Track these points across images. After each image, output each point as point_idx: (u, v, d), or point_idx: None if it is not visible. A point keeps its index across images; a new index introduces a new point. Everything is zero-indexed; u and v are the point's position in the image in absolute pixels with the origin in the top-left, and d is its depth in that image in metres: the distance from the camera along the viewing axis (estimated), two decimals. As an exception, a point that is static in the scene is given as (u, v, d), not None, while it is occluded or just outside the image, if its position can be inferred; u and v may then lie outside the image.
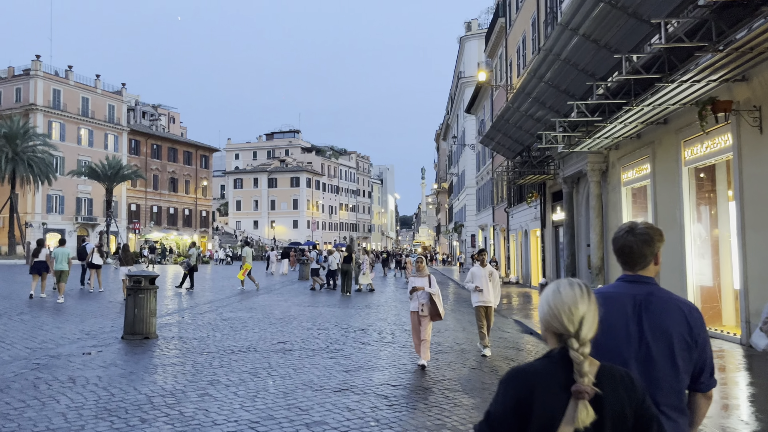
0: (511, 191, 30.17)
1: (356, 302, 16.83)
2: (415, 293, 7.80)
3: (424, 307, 7.71)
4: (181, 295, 17.69)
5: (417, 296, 7.77)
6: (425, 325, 7.72)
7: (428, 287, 7.78)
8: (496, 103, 35.56)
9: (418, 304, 7.74)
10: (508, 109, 17.91)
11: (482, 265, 9.07)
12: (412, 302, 7.90)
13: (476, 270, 9.07)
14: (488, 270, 9.04)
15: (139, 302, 9.02)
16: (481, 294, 8.94)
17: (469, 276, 9.21)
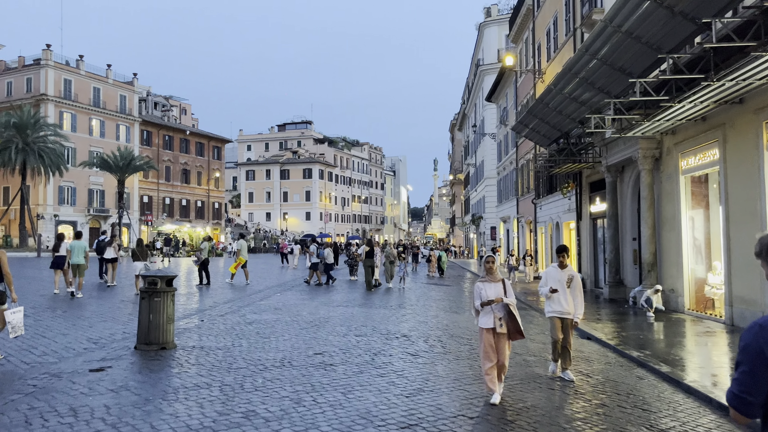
0: (540, 181, 28.72)
1: (386, 301, 15.56)
2: (487, 305, 6.12)
3: (502, 322, 6.08)
4: (197, 292, 16.50)
5: (491, 308, 6.15)
6: (503, 346, 6.11)
7: (505, 296, 6.14)
8: (521, 89, 34.05)
9: (493, 319, 6.11)
10: (549, 91, 16.49)
11: (561, 267, 7.31)
12: (482, 316, 6.22)
13: (552, 272, 7.38)
14: (568, 273, 7.29)
15: (154, 307, 7.79)
16: (557, 302, 7.21)
17: (543, 280, 7.48)
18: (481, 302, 6.16)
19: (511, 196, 37.96)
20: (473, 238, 62.84)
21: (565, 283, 7.24)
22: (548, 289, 7.25)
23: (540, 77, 28.39)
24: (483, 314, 6.22)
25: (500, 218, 42.74)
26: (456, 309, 14.51)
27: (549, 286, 7.26)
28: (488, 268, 6.38)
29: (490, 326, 6.13)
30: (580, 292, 7.35)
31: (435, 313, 13.34)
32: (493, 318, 6.13)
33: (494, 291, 6.15)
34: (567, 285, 7.24)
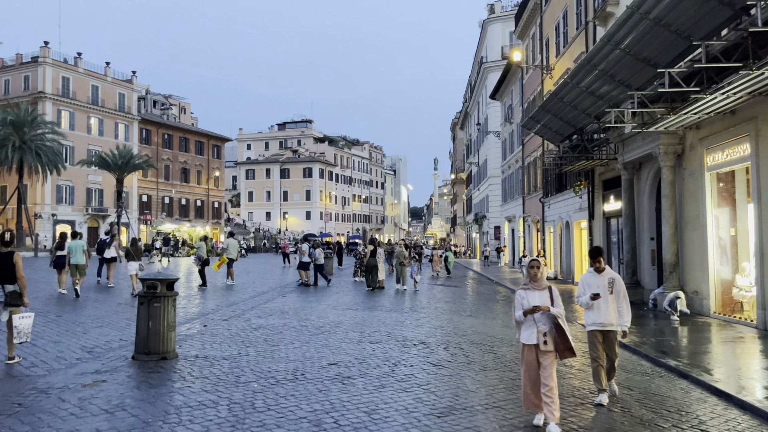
0: (548, 179, 28.07)
1: (396, 304, 14.90)
2: (531, 315, 5.23)
3: (548, 338, 5.18)
4: (197, 294, 15.83)
5: (534, 320, 5.23)
6: (548, 365, 5.17)
7: (552, 306, 5.26)
8: (528, 86, 33.40)
9: (536, 333, 5.20)
10: (564, 85, 15.82)
11: (598, 271, 6.36)
12: (524, 329, 5.31)
13: (589, 279, 6.36)
14: (608, 277, 6.33)
15: (154, 313, 7.12)
16: (597, 311, 6.21)
17: (581, 287, 6.44)
18: (524, 311, 5.25)
19: (517, 195, 37.30)
20: (475, 238, 62.23)
21: (607, 288, 6.30)
22: (588, 297, 6.23)
23: (548, 73, 27.75)
24: (525, 327, 5.31)
25: (505, 217, 42.09)
26: (471, 312, 13.85)
27: (589, 294, 6.26)
28: (533, 273, 5.42)
29: (533, 342, 5.22)
30: (625, 297, 6.43)
31: (449, 316, 12.68)
32: (536, 332, 5.23)
33: (539, 300, 5.27)
34: (609, 291, 6.30)
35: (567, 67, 24.44)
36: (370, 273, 19.29)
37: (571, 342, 5.24)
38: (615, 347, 6.36)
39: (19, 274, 6.87)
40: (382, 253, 20.40)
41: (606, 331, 6.28)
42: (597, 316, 6.27)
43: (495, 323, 12.08)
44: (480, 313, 13.97)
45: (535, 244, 32.49)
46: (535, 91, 31.42)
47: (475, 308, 14.91)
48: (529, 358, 5.26)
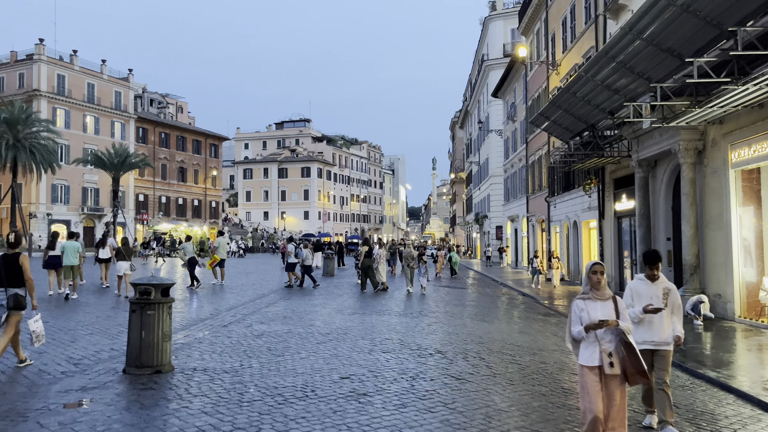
0: (555, 178, 27.42)
1: (404, 308, 14.21)
2: (593, 332, 4.30)
3: (614, 359, 4.26)
4: (195, 297, 15.12)
5: (597, 337, 4.32)
6: (615, 392, 4.26)
7: (618, 319, 4.33)
8: (532, 83, 32.75)
9: (599, 353, 4.28)
10: (578, 79, 15.15)
11: (652, 279, 5.34)
12: (583, 348, 4.37)
13: (640, 287, 5.34)
14: (663, 287, 5.31)
15: (147, 322, 6.42)
16: (648, 327, 5.20)
17: (628, 297, 5.37)
18: (585, 326, 4.30)
19: (521, 194, 36.66)
20: (476, 238, 61.57)
21: (662, 300, 5.22)
22: (639, 310, 5.16)
23: (554, 69, 27.09)
24: (585, 346, 4.36)
25: (508, 217, 41.44)
26: (483, 316, 13.17)
27: (641, 306, 5.20)
28: (595, 280, 4.43)
29: (596, 364, 4.27)
30: (679, 309, 5.41)
31: (462, 321, 11.99)
32: (599, 352, 4.29)
33: (603, 313, 4.33)
34: (663, 303, 5.21)
35: (575, 62, 23.81)
36: (366, 274, 18.81)
37: (644, 364, 4.33)
38: (667, 369, 5.30)
39: (26, 276, 6.70)
40: (382, 253, 19.78)
41: (658, 350, 5.27)
42: (649, 332, 5.24)
43: (511, 328, 11.41)
44: (493, 317, 13.30)
45: (540, 244, 31.84)
46: (539, 88, 30.77)
47: (486, 312, 14.24)
48: (590, 383, 4.28)
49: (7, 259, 6.73)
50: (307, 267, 19.86)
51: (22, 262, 6.72)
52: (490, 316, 13.22)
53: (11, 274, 6.67)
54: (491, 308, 15.24)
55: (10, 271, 6.67)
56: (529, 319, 13.07)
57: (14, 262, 6.71)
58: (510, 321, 12.69)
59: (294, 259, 19.78)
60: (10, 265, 6.69)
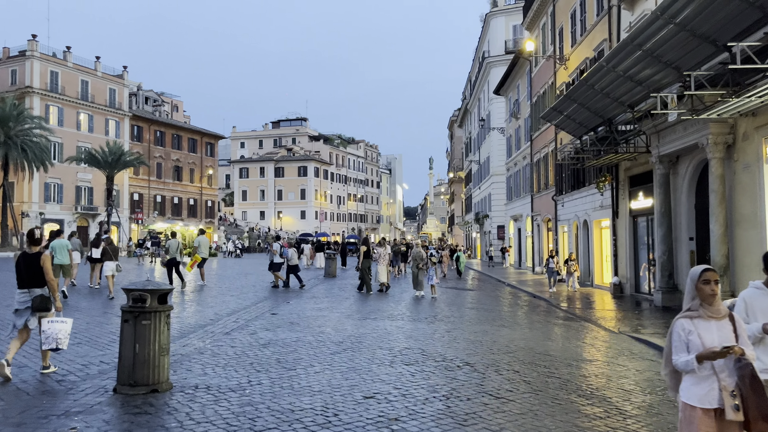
0: (562, 176, 26.64)
1: (416, 312, 13.36)
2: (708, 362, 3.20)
3: (738, 400, 3.15)
4: (193, 300, 14.25)
5: (714, 369, 3.22)
6: None
7: (738, 343, 3.22)
8: (537, 79, 31.96)
9: (717, 392, 3.20)
10: (598, 69, 14.34)
11: None
12: (692, 382, 3.29)
13: (758, 297, 3.94)
14: None
15: (142, 333, 5.56)
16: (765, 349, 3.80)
17: (741, 310, 3.94)
18: (698, 355, 3.19)
19: (525, 193, 35.86)
20: (475, 238, 60.78)
21: None
22: (758, 328, 3.78)
23: (563, 64, 26.30)
24: (695, 380, 3.27)
25: (510, 216, 40.64)
26: (502, 321, 12.34)
27: (760, 322, 3.82)
28: (709, 292, 3.32)
29: (714, 405, 3.20)
30: None
31: (481, 327, 11.15)
32: (718, 390, 3.20)
33: (719, 336, 3.25)
34: None
35: (585, 56, 23.03)
36: (366, 275, 18.08)
37: None
38: None
39: (48, 276, 6.43)
40: (382, 253, 19.03)
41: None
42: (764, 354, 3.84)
43: (534, 335, 10.59)
44: (512, 321, 12.48)
45: (546, 244, 31.06)
46: (545, 84, 29.99)
47: (504, 316, 13.42)
48: (703, 429, 3.19)
49: (28, 259, 6.43)
50: (293, 267, 19.14)
51: (43, 263, 6.41)
52: (509, 321, 12.40)
53: (32, 274, 6.38)
54: (508, 312, 14.42)
55: (31, 271, 6.38)
56: (551, 324, 12.24)
57: (35, 262, 6.40)
58: (532, 326, 11.86)
59: (279, 259, 19.05)
60: (31, 264, 6.40)
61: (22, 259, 6.48)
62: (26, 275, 6.40)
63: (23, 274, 6.41)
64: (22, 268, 6.42)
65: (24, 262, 6.43)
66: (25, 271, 6.39)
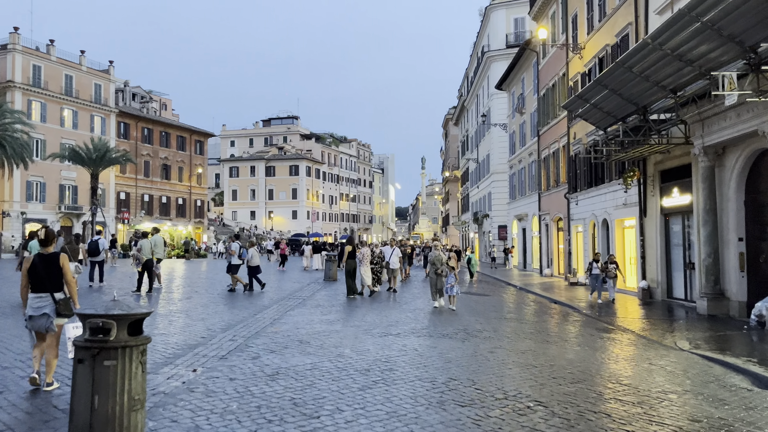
0: (576, 172, 25.02)
1: (440, 325, 11.54)
2: None
3: None
4: (179, 312, 12.41)
5: None
6: None
7: None
8: (546, 71, 30.35)
9: None
10: (641, 48, 12.67)
11: None
12: None
13: None
14: None
15: (103, 380, 3.77)
16: None
17: None
18: None
19: (531, 191, 34.24)
20: (473, 238, 59.13)
21: None
22: None
23: (577, 53, 24.67)
24: None
25: (514, 216, 39.01)
26: (544, 336, 10.61)
27: None
28: None
29: None
30: None
31: (524, 344, 9.43)
32: None
33: None
34: None
35: (605, 43, 21.42)
36: (351, 277, 16.52)
37: None
38: None
39: (67, 278, 6.16)
40: (366, 253, 17.47)
41: None
42: None
43: (588, 354, 8.89)
44: (554, 336, 10.77)
45: (556, 245, 29.44)
46: (555, 75, 28.38)
47: (541, 329, 11.71)
48: None
49: (46, 260, 6.06)
50: (254, 268, 17.63)
51: (62, 263, 6.10)
52: (550, 336, 10.69)
53: (52, 276, 6.03)
54: (541, 323, 12.69)
55: (51, 272, 6.02)
56: (596, 338, 10.53)
57: (54, 263, 6.07)
58: (579, 342, 10.14)
59: (236, 260, 17.53)
60: (50, 266, 6.04)
61: (39, 260, 6.04)
62: (46, 278, 5.98)
63: (42, 277, 5.98)
64: (40, 271, 5.99)
65: (42, 264, 6.02)
66: (44, 273, 5.98)
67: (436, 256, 14.22)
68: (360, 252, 17.44)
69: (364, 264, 17.28)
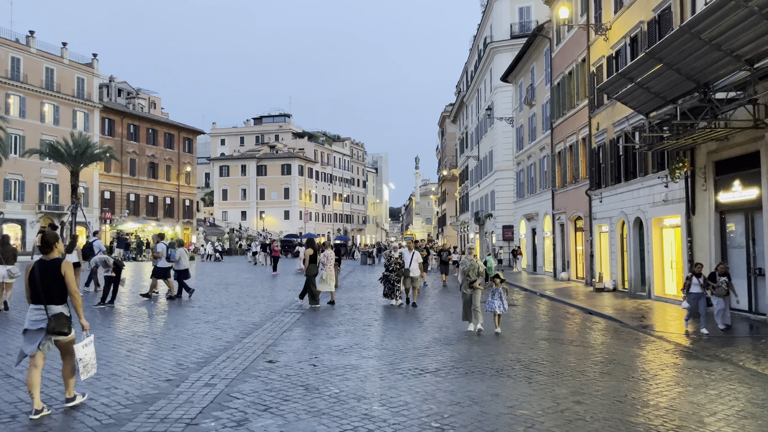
0: (600, 166, 22.66)
1: (491, 353, 9.02)
2: None
3: None
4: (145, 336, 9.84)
5: None
6: None
7: None
8: (561, 58, 28.01)
9: None
10: (719, 6, 10.26)
11: None
12: None
13: None
14: None
15: None
16: None
17: None
18: None
19: (542, 189, 31.86)
20: (473, 239, 56.70)
21: None
22: None
23: (602, 33, 22.28)
24: None
25: (523, 215, 36.62)
26: (621, 369, 8.13)
27: None
28: None
29: None
30: None
31: (607, 385, 6.96)
32: None
33: None
34: None
35: (638, 19, 19.08)
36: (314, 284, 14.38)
37: None
38: None
39: (71, 288, 5.26)
40: (330, 255, 15.05)
41: None
42: None
43: (712, 402, 6.43)
44: (636, 368, 8.29)
45: (573, 246, 27.07)
46: (573, 62, 26.03)
47: (612, 356, 9.22)
48: None
49: (45, 267, 5.26)
50: (181, 272, 15.59)
51: (65, 271, 5.24)
52: (636, 370, 8.16)
53: (51, 286, 5.18)
54: (609, 348, 10.17)
55: (50, 282, 5.19)
56: (697, 373, 8.06)
57: (55, 271, 5.23)
58: (681, 381, 7.66)
59: (164, 263, 15.30)
60: (49, 274, 5.21)
61: (37, 267, 5.28)
62: (43, 288, 5.19)
63: (39, 287, 5.21)
64: (36, 280, 5.22)
65: (40, 272, 5.25)
66: (41, 282, 5.19)
67: (471, 265, 11.46)
68: (323, 254, 15.08)
69: (327, 268, 14.90)
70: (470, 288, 11.27)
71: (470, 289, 11.27)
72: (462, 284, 11.61)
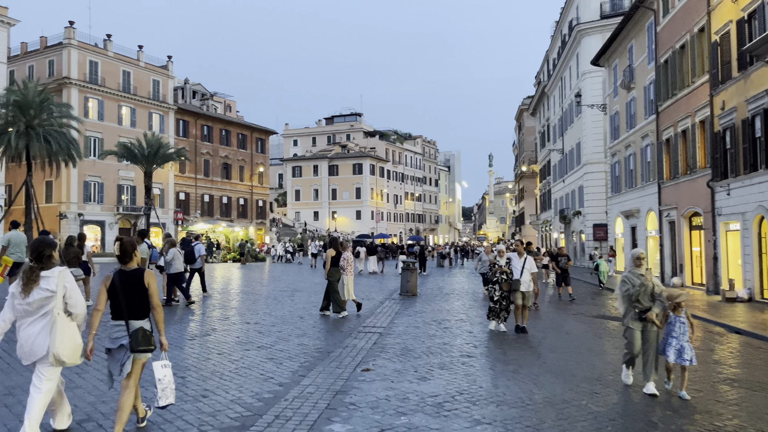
0: (726, 152, 19.01)
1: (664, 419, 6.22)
2: None
3: None
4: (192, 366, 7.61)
5: None
6: None
7: None
8: (667, 32, 24.36)
9: None
10: None
11: None
12: None
13: None
14: None
15: None
16: None
17: None
18: None
19: (646, 181, 28.09)
20: (557, 239, 52.72)
21: None
22: None
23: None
24: None
25: (620, 212, 32.80)
26: None
27: None
28: None
29: None
30: None
31: None
32: None
33: None
34: None
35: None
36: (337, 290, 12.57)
37: None
38: None
39: (153, 302, 4.71)
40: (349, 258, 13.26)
41: None
42: None
43: None
44: None
45: (688, 247, 23.35)
46: (688, 32, 22.39)
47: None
48: None
49: (127, 278, 4.65)
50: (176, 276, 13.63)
51: (148, 283, 4.69)
52: None
53: (134, 298, 4.61)
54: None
55: (133, 294, 4.60)
56: None
57: (138, 282, 4.64)
58: None
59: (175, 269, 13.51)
60: (131, 286, 4.64)
61: (118, 279, 4.63)
62: (125, 301, 4.56)
63: (121, 301, 4.58)
64: (118, 292, 4.59)
65: (121, 283, 4.60)
66: (123, 295, 4.56)
67: (641, 284, 7.12)
68: (343, 257, 13.01)
69: (348, 272, 13.14)
70: (640, 320, 7.14)
71: (641, 322, 7.15)
72: (626, 315, 7.35)
